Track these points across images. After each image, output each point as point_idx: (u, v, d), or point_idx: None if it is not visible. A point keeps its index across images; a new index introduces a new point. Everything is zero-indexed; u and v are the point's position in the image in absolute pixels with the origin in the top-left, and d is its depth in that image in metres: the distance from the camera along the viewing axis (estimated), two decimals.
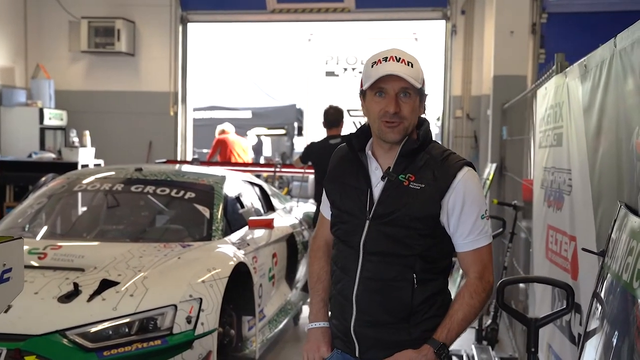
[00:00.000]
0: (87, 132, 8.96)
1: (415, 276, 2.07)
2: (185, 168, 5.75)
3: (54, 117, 9.71)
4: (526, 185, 5.07)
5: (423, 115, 2.20)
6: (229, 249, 4.29)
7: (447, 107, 9.68)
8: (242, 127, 15.24)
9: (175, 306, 3.55)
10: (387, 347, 2.10)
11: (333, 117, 6.00)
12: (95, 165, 8.53)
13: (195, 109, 13.81)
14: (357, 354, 2.16)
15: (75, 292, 3.52)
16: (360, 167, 2.15)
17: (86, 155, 8.66)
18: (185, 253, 4.07)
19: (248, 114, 16.37)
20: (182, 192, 4.78)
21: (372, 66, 2.10)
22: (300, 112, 15.53)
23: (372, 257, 2.10)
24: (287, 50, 15.98)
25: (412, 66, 2.08)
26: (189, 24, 10.20)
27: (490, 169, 6.81)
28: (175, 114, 10.10)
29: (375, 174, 2.13)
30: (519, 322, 2.91)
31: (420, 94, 2.11)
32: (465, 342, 5.31)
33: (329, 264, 2.30)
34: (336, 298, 2.21)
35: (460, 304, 2.07)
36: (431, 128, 2.24)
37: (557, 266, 3.17)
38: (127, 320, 3.45)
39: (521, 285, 4.78)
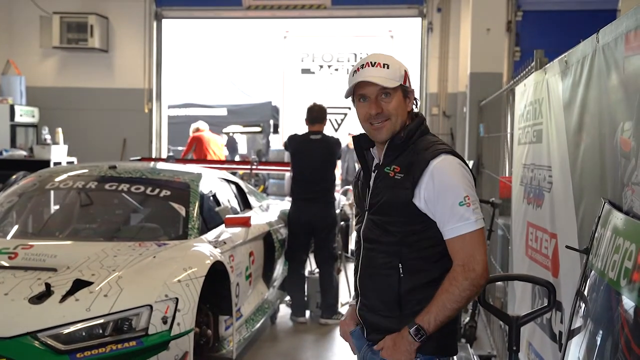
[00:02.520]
0: (59, 130, 8.78)
1: (401, 265, 2.13)
2: (161, 166, 5.66)
3: (25, 114, 9.53)
4: (503, 183, 5.07)
5: (416, 110, 2.28)
6: (205, 248, 4.22)
7: (424, 105, 9.70)
8: (217, 124, 15.13)
9: (151, 306, 3.47)
10: (383, 332, 2.19)
11: (317, 113, 6.02)
12: (68, 163, 8.37)
13: (170, 107, 13.68)
14: (365, 335, 2.30)
15: (47, 293, 3.42)
16: (364, 164, 2.30)
17: (59, 153, 8.49)
18: (161, 252, 3.99)
19: (223, 112, 16.26)
20: (157, 190, 4.69)
21: (353, 75, 2.22)
22: (276, 110, 15.47)
23: (367, 245, 2.23)
24: (263, 47, 15.91)
25: (387, 67, 2.16)
26: (163, 20, 10.09)
27: None
28: (150, 111, 9.99)
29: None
30: (500, 320, 2.89)
31: (403, 90, 2.19)
32: None
33: None
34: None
35: (440, 290, 2.07)
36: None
37: (537, 264, 3.15)
38: (101, 321, 3.35)
39: (499, 282, 4.78)
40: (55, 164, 7.97)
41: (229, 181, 5.71)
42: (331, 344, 5.53)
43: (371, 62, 2.15)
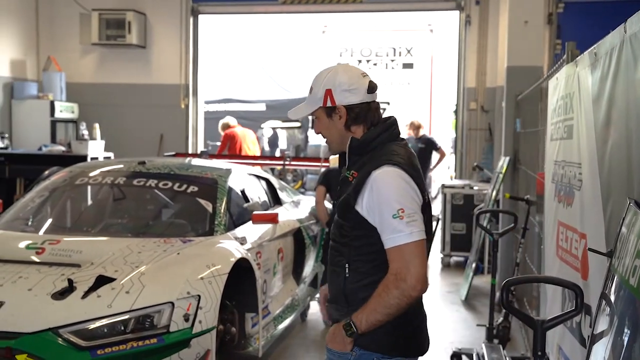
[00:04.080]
0: (96, 125, 8.91)
1: (347, 265, 2.24)
2: (191, 161, 5.65)
3: (64, 109, 9.69)
4: (540, 180, 4.91)
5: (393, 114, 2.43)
6: (230, 245, 4.19)
7: (461, 99, 9.52)
8: (256, 119, 15.18)
9: (173, 303, 3.45)
10: (335, 322, 2.32)
11: None
12: (104, 158, 8.47)
13: (208, 102, 13.77)
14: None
15: (69, 289, 3.43)
16: (342, 168, 2.41)
17: (96, 149, 8.61)
18: (185, 249, 3.97)
19: (262, 107, 16.28)
20: (185, 186, 4.68)
21: None
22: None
23: (331, 242, 2.37)
24: (301, 42, 15.85)
25: (312, 91, 2.30)
26: (200, 16, 10.12)
27: (503, 163, 6.64)
28: (186, 106, 10.04)
29: None
30: (525, 324, 2.77)
31: (327, 110, 2.27)
32: (475, 341, 5.18)
33: None
34: None
35: (374, 294, 2.14)
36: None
37: (567, 265, 3.03)
38: (122, 317, 3.34)
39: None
40: (92, 159, 8.07)
41: (259, 177, 5.67)
42: None
43: (310, 87, 2.32)
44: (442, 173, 12.22)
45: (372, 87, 2.27)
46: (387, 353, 2.22)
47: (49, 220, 4.68)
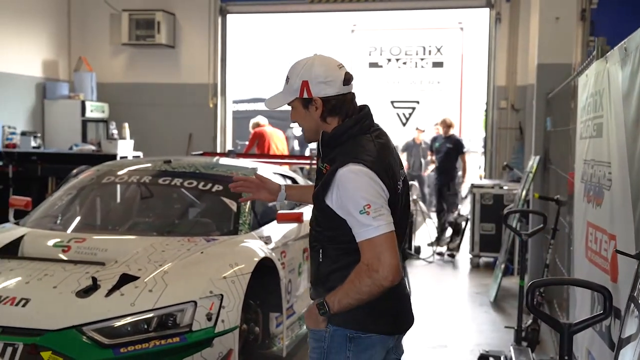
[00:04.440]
0: (126, 125, 8.99)
1: (321, 252, 2.35)
2: (217, 160, 5.65)
3: (95, 109, 9.79)
4: (571, 180, 4.81)
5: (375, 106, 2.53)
6: (254, 244, 4.17)
7: (491, 98, 9.38)
8: (285, 119, 15.13)
9: (195, 302, 3.44)
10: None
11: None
12: (134, 157, 8.54)
13: (237, 101, 13.80)
14: None
15: (93, 287, 3.45)
16: (319, 158, 2.45)
17: (125, 148, 8.69)
18: (209, 248, 3.97)
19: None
20: (209, 185, 4.68)
21: None
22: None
23: (310, 229, 2.45)
24: (330, 41, 15.78)
25: (288, 81, 2.34)
26: (228, 15, 10.14)
27: (533, 162, 6.53)
28: (215, 105, 10.07)
29: None
30: (551, 327, 2.70)
31: (303, 101, 2.31)
32: (503, 343, 5.09)
33: None
34: None
35: (348, 279, 2.22)
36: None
37: (596, 267, 2.94)
38: (145, 316, 3.35)
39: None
40: (121, 158, 8.14)
41: (284, 176, 5.65)
42: None
43: (285, 76, 2.37)
44: (472, 173, 12.08)
45: (347, 79, 2.31)
46: (361, 329, 2.29)
47: (76, 219, 4.72)
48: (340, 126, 2.31)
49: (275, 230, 4.62)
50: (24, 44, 9.24)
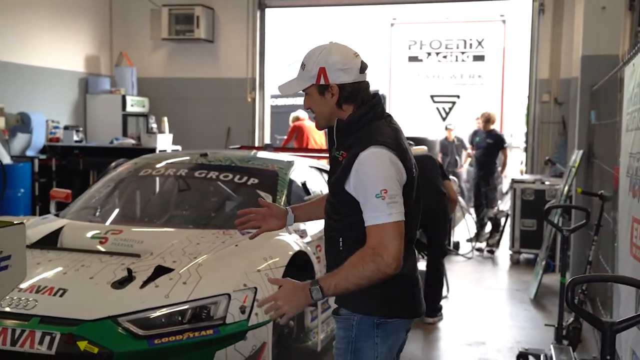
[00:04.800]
0: (165, 119, 9.07)
1: (341, 240, 2.34)
2: (254, 154, 5.64)
3: (135, 104, 9.91)
4: (616, 174, 4.66)
5: (384, 93, 2.45)
6: (289, 237, 4.15)
7: (533, 92, 9.18)
8: None
9: (229, 295, 3.43)
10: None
11: None
12: (172, 151, 8.62)
13: (275, 96, 13.80)
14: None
15: (129, 278, 3.47)
16: (332, 146, 2.46)
17: (164, 142, 8.77)
18: (243, 241, 3.93)
19: None
20: (245, 178, 4.68)
21: None
22: (382, 98, 15.23)
23: (325, 219, 2.46)
24: (369, 35, 15.67)
25: (304, 68, 2.35)
26: (267, 10, 10.14)
27: (576, 156, 6.36)
28: (253, 100, 10.09)
29: None
30: (592, 326, 2.60)
31: (319, 88, 2.32)
32: (543, 341, 4.97)
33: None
34: None
35: (347, 262, 2.20)
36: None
37: None
38: (179, 308, 3.35)
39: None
40: (160, 152, 8.21)
41: (321, 170, 5.61)
42: (435, 345, 5.32)
43: (301, 62, 2.37)
44: (513, 168, 11.88)
45: (363, 67, 2.35)
46: (387, 315, 2.33)
47: (114, 211, 4.77)
48: (356, 112, 2.33)
49: (311, 224, 4.59)
50: (67, 40, 9.40)
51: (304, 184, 5.04)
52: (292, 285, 2.26)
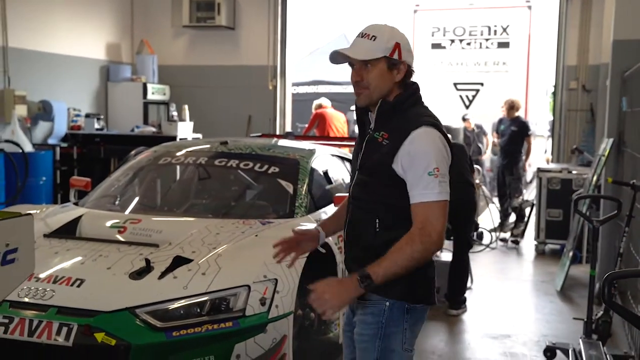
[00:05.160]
0: (185, 107, 9.02)
1: (378, 221, 2.33)
2: (275, 142, 5.55)
3: (156, 91, 9.87)
4: None
5: (414, 79, 2.41)
6: (311, 227, 4.04)
7: (560, 79, 8.98)
8: (345, 102, 15.00)
9: (249, 287, 3.34)
10: None
11: None
12: (193, 139, 8.56)
13: (297, 84, 13.72)
14: None
15: (147, 269, 3.40)
16: (361, 127, 2.47)
17: (185, 129, 8.72)
18: (264, 231, 3.87)
19: (351, 89, 16.07)
20: (265, 167, 4.59)
21: None
22: None
23: (353, 202, 2.44)
24: (392, 22, 15.50)
25: (374, 39, 2.31)
26: None
27: (606, 145, 6.18)
28: (274, 87, 10.00)
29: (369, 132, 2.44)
30: (630, 323, 2.48)
31: (389, 62, 2.31)
32: (572, 335, 4.84)
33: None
34: None
35: (395, 247, 2.20)
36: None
37: None
38: (198, 300, 3.27)
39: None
40: (180, 139, 8.16)
41: (343, 159, 5.51)
42: (459, 337, 5.21)
43: (362, 34, 2.35)
44: (537, 157, 11.66)
45: None
46: (417, 301, 2.36)
47: (133, 200, 4.71)
48: (402, 95, 2.35)
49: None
50: (88, 27, 9.37)
51: (325, 173, 4.95)
52: (337, 279, 2.30)
